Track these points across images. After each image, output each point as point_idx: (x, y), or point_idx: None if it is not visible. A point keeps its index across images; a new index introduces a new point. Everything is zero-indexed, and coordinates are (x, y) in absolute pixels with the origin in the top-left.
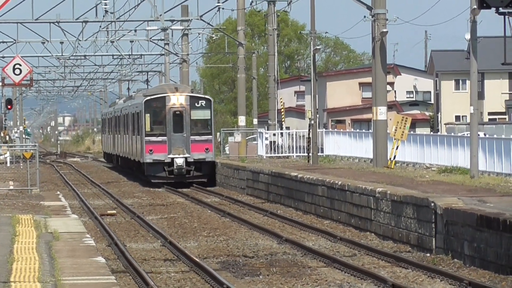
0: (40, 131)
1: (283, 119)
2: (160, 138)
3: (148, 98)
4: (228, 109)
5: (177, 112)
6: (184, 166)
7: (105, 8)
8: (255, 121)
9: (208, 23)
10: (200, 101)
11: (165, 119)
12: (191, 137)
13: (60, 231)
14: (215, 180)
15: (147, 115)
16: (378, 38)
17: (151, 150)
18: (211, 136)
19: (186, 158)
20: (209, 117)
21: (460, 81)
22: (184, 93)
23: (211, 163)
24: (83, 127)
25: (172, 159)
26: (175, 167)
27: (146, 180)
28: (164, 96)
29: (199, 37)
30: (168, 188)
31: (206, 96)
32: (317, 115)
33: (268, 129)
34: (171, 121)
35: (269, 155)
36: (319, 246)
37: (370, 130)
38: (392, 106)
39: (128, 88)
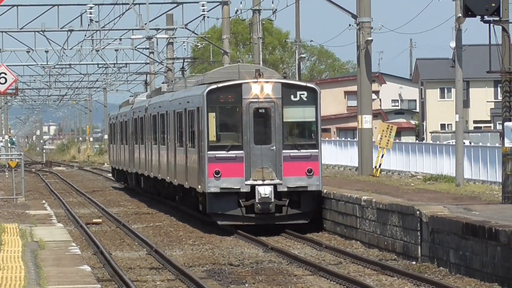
0: (26, 140)
1: None
2: (232, 153)
3: (214, 87)
4: None
5: (261, 111)
6: (273, 199)
7: (90, 17)
8: None
9: (193, 32)
10: (298, 92)
11: (241, 121)
12: (284, 151)
13: (45, 240)
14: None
15: (211, 115)
16: (363, 46)
17: (217, 173)
18: (316, 150)
19: (275, 185)
20: (314, 119)
21: (445, 89)
22: (273, 79)
23: (315, 194)
24: (68, 136)
25: (253, 187)
26: (257, 201)
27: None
28: (240, 84)
29: (184, 45)
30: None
31: (309, 85)
32: None
33: None
34: (251, 124)
35: None
36: (305, 254)
37: (355, 139)
38: (378, 115)
39: (148, 83)
